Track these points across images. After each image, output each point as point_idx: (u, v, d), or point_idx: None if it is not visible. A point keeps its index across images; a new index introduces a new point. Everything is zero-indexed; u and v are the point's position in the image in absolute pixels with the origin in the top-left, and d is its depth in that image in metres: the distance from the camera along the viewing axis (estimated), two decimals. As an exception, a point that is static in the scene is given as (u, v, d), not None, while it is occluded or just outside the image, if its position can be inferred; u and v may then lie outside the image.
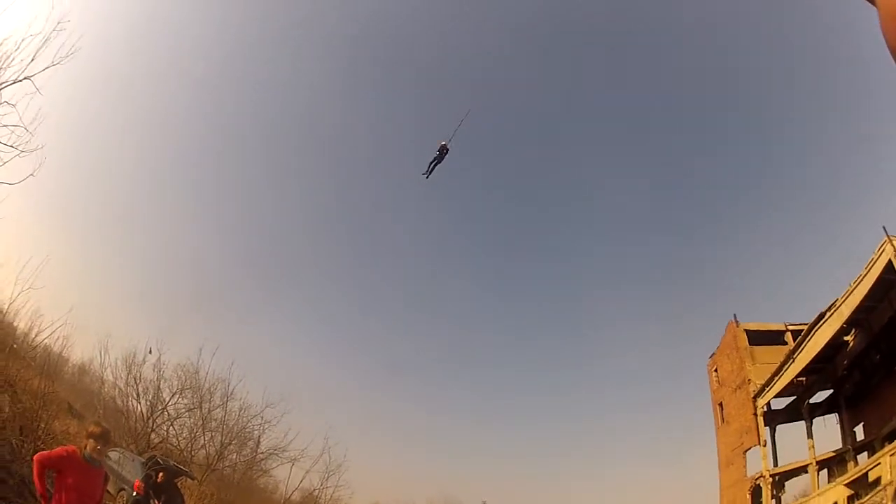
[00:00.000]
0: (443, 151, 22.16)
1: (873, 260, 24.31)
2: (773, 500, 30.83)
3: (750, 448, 32.75)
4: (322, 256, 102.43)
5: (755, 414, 32.33)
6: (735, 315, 35.95)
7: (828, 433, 29.83)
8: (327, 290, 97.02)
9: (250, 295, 77.48)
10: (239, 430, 29.04)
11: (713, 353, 38.04)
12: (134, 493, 13.81)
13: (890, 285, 23.79)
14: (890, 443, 23.72)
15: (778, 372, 30.77)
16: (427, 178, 22.80)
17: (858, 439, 27.40)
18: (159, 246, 74.37)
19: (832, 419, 29.77)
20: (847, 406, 28.41)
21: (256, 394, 30.96)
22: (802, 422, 30.68)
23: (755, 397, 32.54)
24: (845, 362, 27.43)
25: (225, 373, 28.84)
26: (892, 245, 23.10)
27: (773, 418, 32.37)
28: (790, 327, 32.77)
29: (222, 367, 29.08)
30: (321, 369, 70.29)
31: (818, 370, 28.93)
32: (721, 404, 36.41)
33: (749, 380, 33.40)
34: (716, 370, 37.52)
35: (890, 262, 23.12)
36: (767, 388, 31.71)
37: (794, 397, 31.41)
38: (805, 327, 30.17)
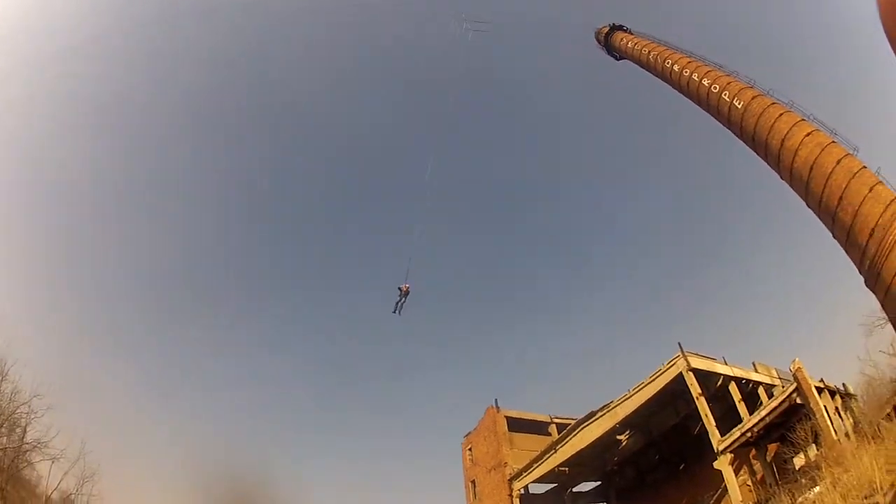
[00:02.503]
0: (406, 292, 26.34)
1: (661, 371, 30.09)
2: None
3: (501, 528, 34.54)
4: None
5: (510, 495, 34.65)
6: (496, 400, 39.06)
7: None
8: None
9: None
10: (9, 413, 29.14)
11: (469, 433, 39.80)
12: None
13: (677, 395, 29.48)
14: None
15: (539, 459, 34.21)
16: (399, 314, 26.68)
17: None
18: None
19: (598, 507, 33.96)
20: (618, 498, 32.97)
21: (28, 380, 29.89)
22: (564, 507, 34.08)
23: (511, 479, 35.04)
24: (616, 459, 32.21)
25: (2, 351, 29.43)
26: (686, 360, 28.92)
27: (531, 501, 35.16)
28: (555, 419, 37.22)
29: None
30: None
31: (584, 463, 33.21)
32: (474, 482, 37.82)
33: (506, 463, 36.05)
34: (470, 449, 39.19)
35: (681, 374, 28.81)
36: (525, 473, 34.83)
37: (556, 484, 34.87)
38: (572, 421, 34.72)
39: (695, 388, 28.63)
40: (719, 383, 29.73)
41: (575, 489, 36.16)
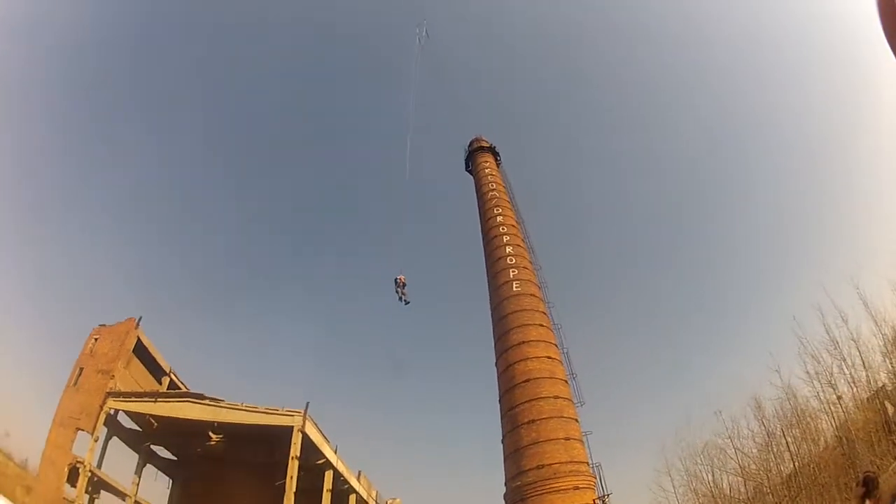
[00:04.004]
0: (402, 283, 28.00)
1: (278, 412, 30.40)
2: (87, 495, 31.42)
3: (82, 430, 33.00)
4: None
5: (101, 406, 33.45)
6: (140, 318, 36.79)
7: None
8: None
9: None
10: None
11: (103, 325, 37.55)
12: None
13: (277, 442, 30.88)
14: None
15: (139, 396, 33.84)
16: (407, 303, 28.73)
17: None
18: None
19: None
20: (181, 486, 34.17)
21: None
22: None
23: (109, 394, 33.99)
24: (199, 451, 33.44)
25: None
26: (304, 421, 30.43)
27: (115, 428, 34.36)
28: (174, 374, 36.71)
29: None
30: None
31: (171, 431, 33.93)
32: (82, 370, 35.73)
33: (114, 376, 34.83)
34: (96, 340, 37.05)
35: (291, 428, 30.11)
36: (123, 399, 33.94)
37: (141, 430, 34.99)
38: (184, 389, 35.41)
39: (295, 448, 29.50)
40: (320, 462, 31.59)
41: (154, 446, 36.28)
